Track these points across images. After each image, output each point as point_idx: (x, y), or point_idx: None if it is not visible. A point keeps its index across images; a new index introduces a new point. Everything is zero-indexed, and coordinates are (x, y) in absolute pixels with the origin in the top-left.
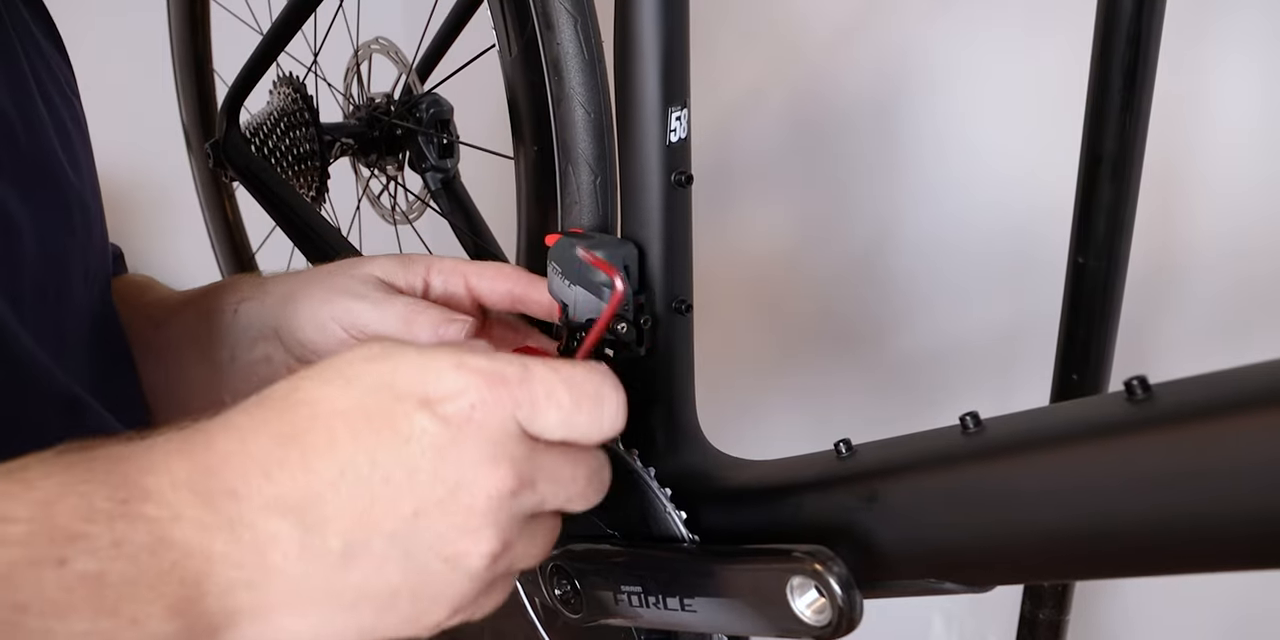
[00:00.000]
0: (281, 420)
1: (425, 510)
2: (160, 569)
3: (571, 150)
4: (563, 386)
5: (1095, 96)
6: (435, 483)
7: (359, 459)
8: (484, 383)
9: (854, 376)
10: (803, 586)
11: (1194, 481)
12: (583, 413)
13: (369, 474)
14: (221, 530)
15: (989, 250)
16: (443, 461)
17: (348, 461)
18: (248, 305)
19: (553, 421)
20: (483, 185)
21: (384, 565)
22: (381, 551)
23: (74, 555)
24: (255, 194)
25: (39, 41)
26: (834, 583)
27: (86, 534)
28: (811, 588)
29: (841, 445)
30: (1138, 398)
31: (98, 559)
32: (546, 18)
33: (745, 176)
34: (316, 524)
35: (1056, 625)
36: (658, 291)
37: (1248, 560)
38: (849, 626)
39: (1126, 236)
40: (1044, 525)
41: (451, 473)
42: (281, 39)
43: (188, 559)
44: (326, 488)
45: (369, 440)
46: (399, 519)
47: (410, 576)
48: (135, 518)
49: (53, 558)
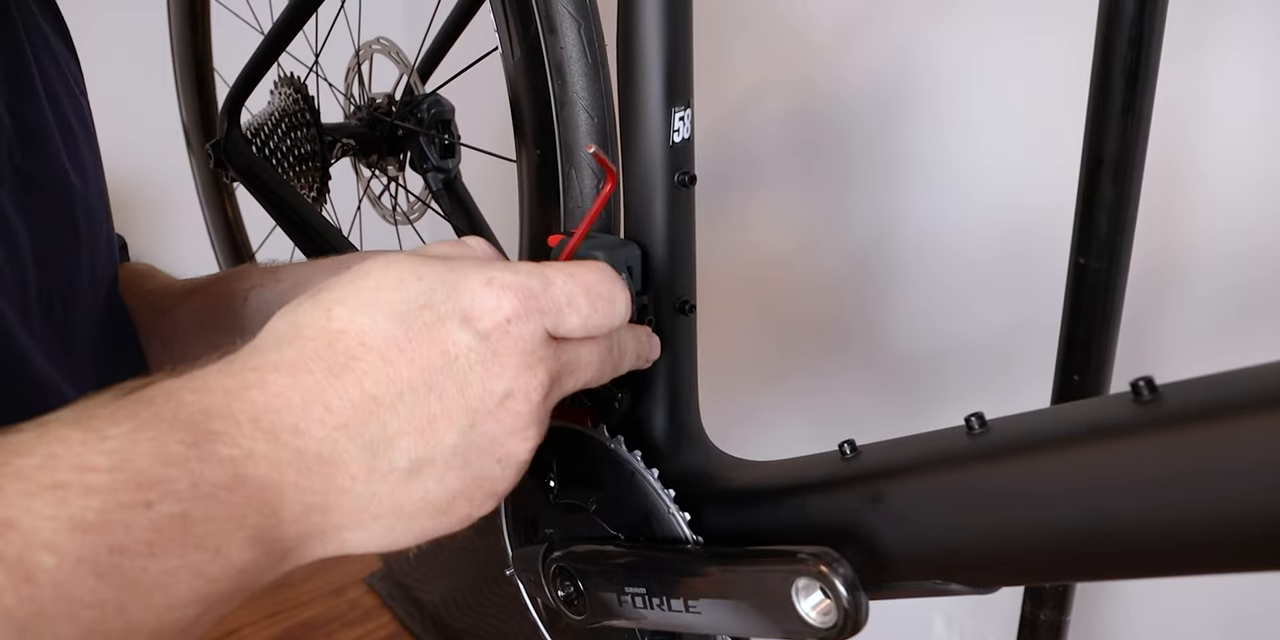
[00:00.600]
0: (332, 351)
1: (479, 420)
2: (237, 503)
3: (574, 154)
4: (580, 292)
5: (1097, 97)
6: (485, 394)
7: (415, 380)
8: (514, 296)
9: (856, 377)
10: (808, 588)
11: (1201, 482)
12: (599, 313)
13: (425, 394)
14: (292, 463)
15: (991, 251)
16: (489, 374)
17: (405, 384)
18: (259, 292)
19: (575, 324)
20: (484, 186)
21: (445, 475)
22: (444, 463)
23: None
24: (256, 194)
25: (47, 36)
26: (839, 584)
27: (167, 478)
28: (817, 590)
29: (846, 446)
30: (1144, 399)
31: (180, 500)
32: (550, 21)
33: (747, 177)
34: (382, 446)
35: (1057, 626)
36: (661, 292)
37: (1256, 561)
38: (854, 628)
39: (1128, 237)
40: (1049, 526)
41: (497, 383)
42: (283, 39)
43: (262, 491)
44: (387, 411)
45: (420, 362)
46: (458, 431)
47: (468, 481)
48: (208, 459)
49: (140, 502)
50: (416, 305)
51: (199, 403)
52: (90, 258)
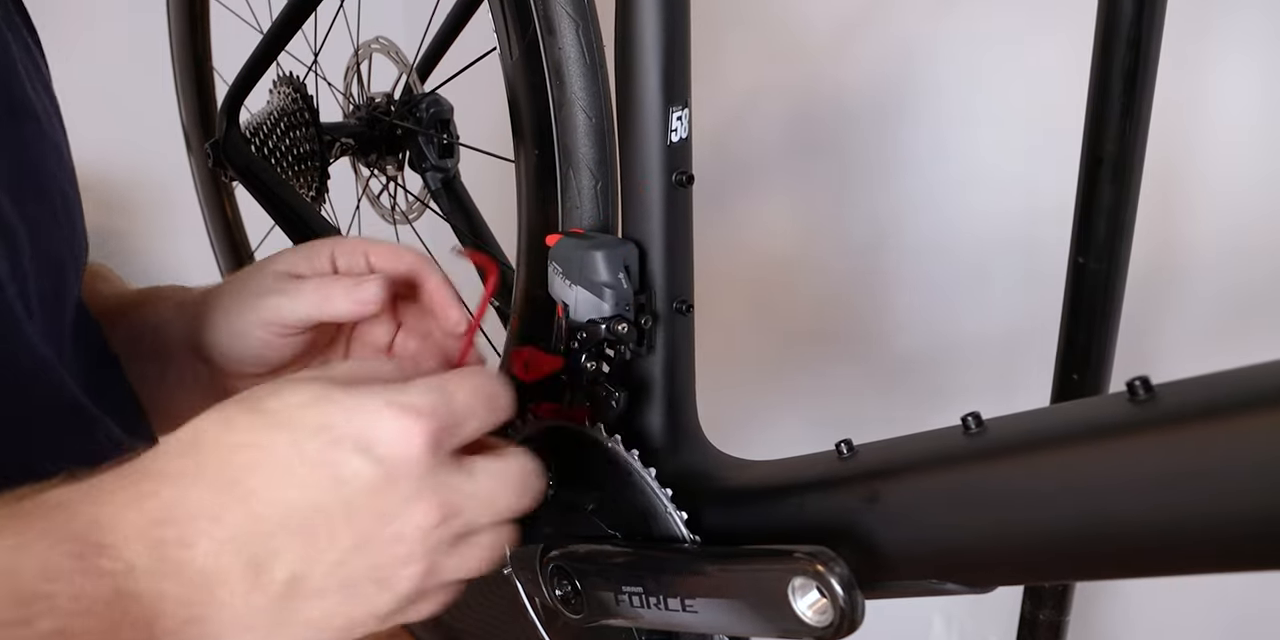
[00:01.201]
0: (224, 466)
1: (362, 543)
2: (114, 618)
3: (572, 154)
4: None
5: (1096, 98)
6: (371, 519)
7: (302, 502)
8: (411, 421)
9: (854, 377)
10: (804, 587)
11: (1196, 481)
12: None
13: (311, 515)
14: (173, 577)
15: (990, 251)
16: (377, 498)
17: (292, 505)
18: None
19: (470, 432)
20: (483, 185)
21: (324, 593)
22: (321, 582)
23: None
24: (255, 194)
25: (20, 31)
26: (836, 583)
27: (49, 594)
28: (813, 589)
29: (843, 445)
30: (1140, 398)
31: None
32: (548, 22)
33: (745, 177)
34: (264, 562)
35: (1056, 626)
36: (658, 291)
37: (1251, 561)
38: (850, 627)
39: (1127, 237)
40: (1046, 526)
41: (386, 508)
42: (282, 38)
43: (140, 605)
44: (273, 528)
45: (310, 484)
46: (339, 551)
47: (346, 600)
48: (92, 572)
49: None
50: (316, 426)
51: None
52: (71, 246)
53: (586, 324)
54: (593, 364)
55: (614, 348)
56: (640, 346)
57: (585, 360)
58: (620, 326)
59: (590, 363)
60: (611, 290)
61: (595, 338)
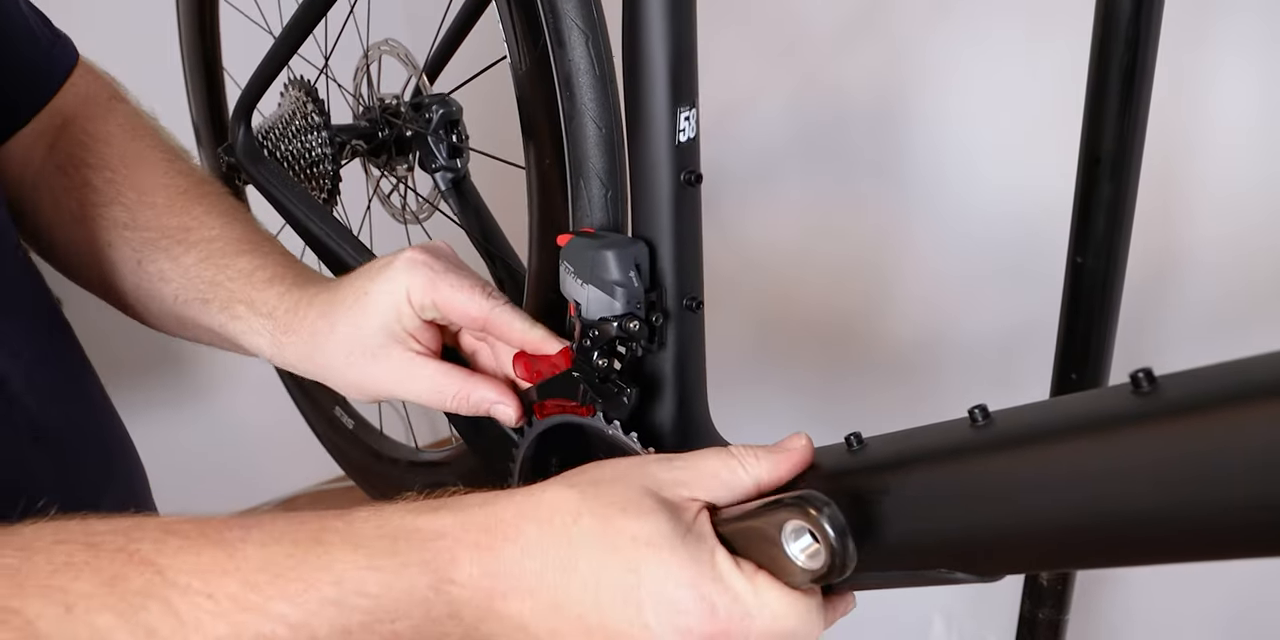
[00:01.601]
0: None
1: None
2: (446, 631)
3: (583, 164)
4: (772, 632)
5: (1094, 97)
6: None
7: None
8: (707, 613)
9: (858, 374)
10: (797, 532)
11: (1200, 470)
12: None
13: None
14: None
15: (989, 250)
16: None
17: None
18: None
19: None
20: (494, 186)
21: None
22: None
23: (401, 625)
24: (268, 196)
25: None
26: (827, 525)
27: (409, 613)
28: (805, 533)
29: (853, 438)
30: (1143, 390)
31: (414, 625)
32: (558, 34)
33: (746, 176)
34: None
35: (1056, 624)
36: (669, 289)
37: (1255, 548)
38: (842, 569)
39: (1125, 236)
40: (1053, 515)
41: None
42: (293, 42)
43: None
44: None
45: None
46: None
47: None
48: (444, 597)
49: (387, 625)
50: (629, 565)
51: (448, 551)
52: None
53: (598, 322)
54: (605, 361)
55: (625, 345)
56: (651, 344)
57: (597, 358)
58: (632, 324)
59: (602, 360)
60: (623, 288)
61: (607, 335)
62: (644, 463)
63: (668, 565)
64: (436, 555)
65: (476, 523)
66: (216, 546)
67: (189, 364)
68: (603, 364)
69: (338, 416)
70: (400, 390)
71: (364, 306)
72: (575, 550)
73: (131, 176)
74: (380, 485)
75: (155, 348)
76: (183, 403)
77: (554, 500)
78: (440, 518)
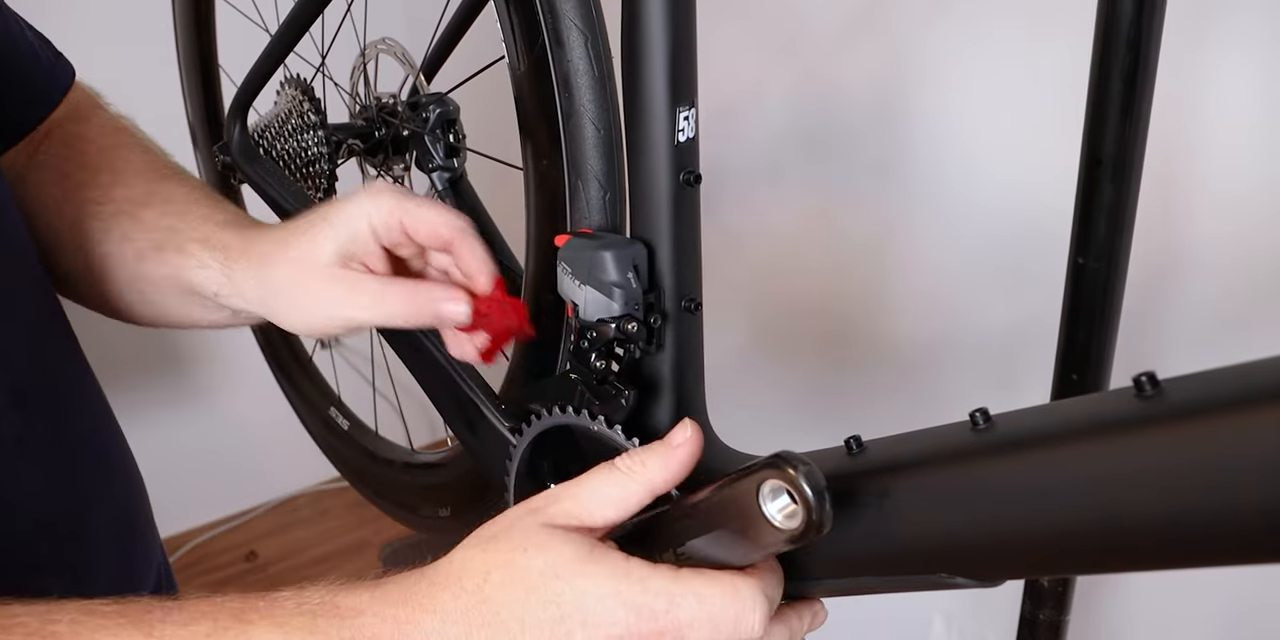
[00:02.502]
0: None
1: None
2: None
3: (581, 166)
4: (704, 617)
5: (1095, 98)
6: None
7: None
8: (634, 617)
9: (858, 375)
10: (775, 492)
11: (1204, 475)
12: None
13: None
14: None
15: (989, 251)
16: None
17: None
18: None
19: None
20: (491, 185)
21: None
22: None
23: None
24: (264, 196)
25: None
26: (803, 482)
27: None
28: (783, 493)
29: (852, 441)
30: (1146, 394)
31: None
32: (557, 34)
33: (746, 175)
34: None
35: (1056, 625)
36: (667, 290)
37: (1259, 554)
38: (819, 529)
39: (1127, 238)
40: (1054, 520)
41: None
42: (289, 40)
43: None
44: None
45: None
46: None
47: None
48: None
49: None
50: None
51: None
52: None
53: (596, 323)
54: (602, 363)
55: (623, 347)
56: (649, 345)
57: (595, 359)
58: (630, 325)
59: (600, 362)
60: (620, 290)
61: (605, 337)
62: (531, 503)
63: (584, 586)
64: (357, 633)
65: (392, 597)
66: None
67: (189, 364)
68: (600, 366)
69: (332, 417)
70: (344, 307)
71: (321, 229)
72: (494, 605)
73: (107, 164)
74: (375, 486)
75: (155, 348)
76: (182, 403)
77: (461, 563)
78: (358, 595)
